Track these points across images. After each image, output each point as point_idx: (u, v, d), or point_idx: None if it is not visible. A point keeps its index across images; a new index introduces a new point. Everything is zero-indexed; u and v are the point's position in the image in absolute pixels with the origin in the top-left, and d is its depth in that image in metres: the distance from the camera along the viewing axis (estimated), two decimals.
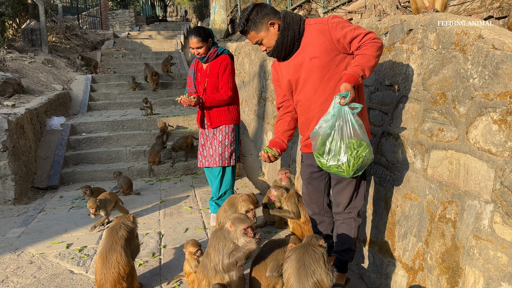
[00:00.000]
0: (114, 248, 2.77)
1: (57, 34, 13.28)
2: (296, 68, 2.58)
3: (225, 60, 3.92)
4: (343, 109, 2.27)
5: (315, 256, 2.24)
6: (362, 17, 4.82)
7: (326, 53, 2.47)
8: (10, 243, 3.87)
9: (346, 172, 2.36)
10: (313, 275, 2.20)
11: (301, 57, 2.55)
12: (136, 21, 21.25)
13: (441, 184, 2.42)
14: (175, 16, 37.45)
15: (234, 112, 4.02)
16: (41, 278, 3.17)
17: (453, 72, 2.37)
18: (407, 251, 2.69)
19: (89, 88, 9.41)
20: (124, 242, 2.82)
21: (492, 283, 2.01)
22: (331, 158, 2.33)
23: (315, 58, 2.48)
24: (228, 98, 3.91)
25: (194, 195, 5.25)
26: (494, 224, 2.02)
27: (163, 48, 15.13)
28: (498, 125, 2.03)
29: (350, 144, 2.28)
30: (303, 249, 2.28)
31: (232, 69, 3.97)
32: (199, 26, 3.98)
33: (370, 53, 2.36)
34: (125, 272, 2.75)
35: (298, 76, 2.59)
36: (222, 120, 3.97)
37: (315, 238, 2.34)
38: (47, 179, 5.89)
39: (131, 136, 7.04)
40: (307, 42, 2.52)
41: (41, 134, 6.69)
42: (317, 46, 2.48)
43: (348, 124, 2.26)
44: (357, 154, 2.29)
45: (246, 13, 2.52)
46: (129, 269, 2.80)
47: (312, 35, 2.50)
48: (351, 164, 2.30)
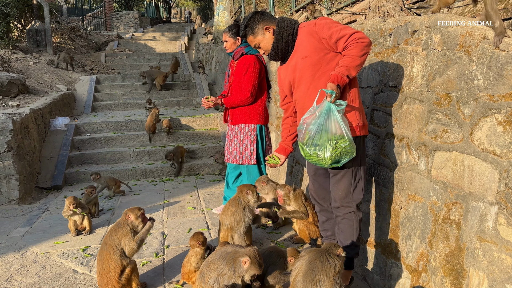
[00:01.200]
0: (105, 246, 2.79)
1: (62, 35, 13.35)
2: (292, 69, 2.77)
3: (248, 60, 3.93)
4: (328, 105, 2.45)
5: (326, 265, 2.18)
6: (366, 19, 4.82)
7: (315, 52, 2.62)
8: (14, 242, 3.88)
9: (324, 161, 2.50)
10: (318, 283, 2.16)
11: (295, 58, 2.73)
12: (140, 22, 21.33)
13: (445, 185, 2.41)
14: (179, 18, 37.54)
15: (255, 112, 4.03)
16: (45, 277, 3.18)
17: (457, 73, 2.36)
18: (411, 252, 2.69)
19: (93, 89, 9.45)
20: (119, 240, 2.81)
21: (496, 285, 2.00)
22: (313, 148, 2.50)
23: (306, 57, 2.65)
24: (246, 99, 3.94)
25: (198, 195, 5.26)
26: (498, 225, 2.02)
27: (167, 49, 15.18)
28: (502, 126, 2.03)
29: (332, 136, 2.44)
30: (318, 254, 2.23)
31: (255, 69, 3.94)
32: (236, 23, 4.09)
33: (354, 53, 2.50)
34: (115, 271, 2.75)
35: (294, 77, 2.77)
36: (242, 119, 4.03)
37: (334, 246, 2.28)
38: (51, 179, 5.92)
39: (135, 137, 7.06)
40: (299, 43, 2.70)
41: (45, 134, 6.72)
42: (307, 47, 2.65)
43: (332, 119, 2.43)
44: (336, 144, 2.45)
45: (246, 20, 2.82)
46: (122, 268, 2.79)
47: (303, 37, 2.68)
48: (329, 155, 2.46)
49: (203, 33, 15.95)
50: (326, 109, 2.46)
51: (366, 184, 3.23)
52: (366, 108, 3.34)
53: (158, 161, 6.70)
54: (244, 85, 3.94)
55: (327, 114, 2.45)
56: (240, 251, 2.41)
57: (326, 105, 2.45)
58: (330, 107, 2.45)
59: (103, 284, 2.77)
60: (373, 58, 3.25)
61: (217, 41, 12.74)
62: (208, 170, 6.49)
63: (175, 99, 9.48)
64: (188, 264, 2.93)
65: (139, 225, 2.86)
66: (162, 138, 7.13)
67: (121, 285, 2.78)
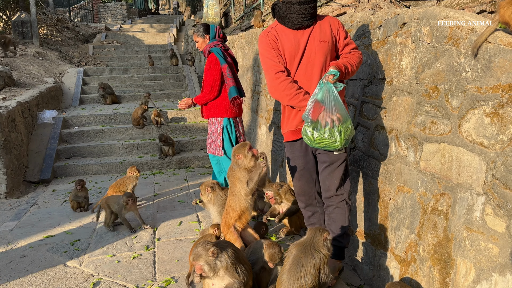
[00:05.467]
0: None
1: (48, 27, 13.13)
2: (304, 43, 2.69)
3: (210, 58, 4.16)
4: (330, 87, 2.50)
5: (311, 260, 2.22)
6: (356, 11, 4.82)
7: (332, 42, 2.73)
8: (2, 236, 3.84)
9: (339, 143, 2.54)
10: (302, 278, 2.19)
11: (311, 36, 2.70)
12: (128, 14, 21.06)
13: (434, 176, 2.44)
14: (168, 9, 37.12)
15: (221, 106, 4.22)
16: (34, 272, 3.16)
17: (446, 66, 2.38)
18: (400, 243, 2.72)
19: (81, 81, 9.34)
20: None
21: (483, 273, 2.04)
22: (326, 130, 2.51)
23: (324, 42, 2.70)
24: (207, 94, 4.18)
25: (188, 188, 5.25)
26: (485, 216, 2.05)
27: (155, 41, 15.03)
28: (490, 118, 2.05)
29: (343, 119, 2.52)
30: (304, 248, 2.26)
31: (216, 66, 4.12)
32: (202, 24, 4.34)
33: (354, 61, 2.70)
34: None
35: (303, 53, 2.70)
36: (211, 112, 4.28)
37: (319, 232, 2.31)
38: (39, 172, 5.85)
39: (124, 130, 7.00)
40: (320, 26, 2.72)
41: (32, 127, 6.63)
42: (327, 33, 2.72)
43: (338, 102, 2.51)
44: (346, 125, 2.54)
45: None
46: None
47: (326, 23, 2.75)
48: (342, 135, 2.52)
49: (192, 25, 15.80)
50: (327, 90, 2.50)
51: (355, 176, 3.26)
52: (356, 100, 3.36)
53: (147, 154, 6.67)
54: (205, 81, 4.21)
55: (332, 97, 2.49)
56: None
57: (328, 86, 2.50)
58: (331, 88, 2.50)
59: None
60: (363, 51, 3.26)
61: None
62: (199, 163, 6.48)
63: (164, 92, 9.41)
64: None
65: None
66: (151, 131, 7.08)
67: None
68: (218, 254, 2.29)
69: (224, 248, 2.36)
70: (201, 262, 2.29)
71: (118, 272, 3.13)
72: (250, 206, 3.00)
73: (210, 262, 2.29)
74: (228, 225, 3.03)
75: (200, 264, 2.30)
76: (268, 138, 5.31)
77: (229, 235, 3.02)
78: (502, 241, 1.95)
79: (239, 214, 2.99)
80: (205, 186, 3.51)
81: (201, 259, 2.28)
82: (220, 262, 2.30)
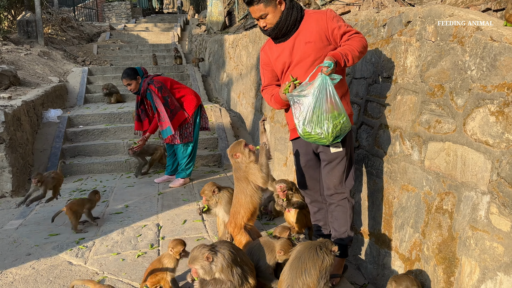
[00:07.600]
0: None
1: (53, 26, 13.19)
2: (289, 51, 2.74)
3: (153, 90, 4.94)
4: (324, 80, 2.42)
5: (314, 257, 2.20)
6: (360, 9, 4.81)
7: (320, 40, 2.66)
8: (8, 235, 3.87)
9: (326, 139, 2.50)
10: (302, 273, 2.18)
11: (294, 40, 2.71)
12: (132, 13, 21.13)
13: (438, 175, 2.44)
14: (172, 8, 37.14)
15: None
16: (40, 269, 3.18)
17: (451, 64, 2.38)
18: (404, 242, 2.72)
19: (86, 81, 9.37)
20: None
21: (488, 273, 2.03)
22: (314, 126, 2.47)
23: (310, 43, 2.66)
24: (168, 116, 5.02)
25: (192, 187, 5.26)
26: (490, 215, 2.04)
27: (159, 40, 15.07)
28: (495, 116, 2.04)
29: (331, 113, 2.45)
30: (309, 246, 2.25)
31: (164, 90, 5.00)
32: (128, 69, 5.09)
33: (356, 45, 2.55)
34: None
35: (292, 59, 2.74)
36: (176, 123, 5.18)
37: (329, 243, 2.30)
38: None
39: (128, 129, 7.02)
40: (305, 27, 2.70)
41: (38, 126, 6.67)
42: (313, 32, 2.66)
43: (329, 95, 2.43)
44: (335, 121, 2.46)
45: None
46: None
47: (311, 22, 2.69)
48: (330, 131, 2.46)
49: (196, 24, 15.82)
50: (321, 83, 2.42)
51: (360, 175, 3.26)
52: (360, 99, 3.35)
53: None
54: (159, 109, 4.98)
55: (324, 90, 2.41)
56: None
57: (322, 78, 2.41)
58: (325, 80, 2.41)
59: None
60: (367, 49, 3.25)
61: (210, 32, 12.66)
62: (203, 162, 6.48)
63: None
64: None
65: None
66: None
67: None
68: (214, 258, 2.32)
69: (220, 251, 2.37)
70: (196, 266, 2.34)
71: (123, 270, 3.14)
72: (261, 202, 3.03)
73: (205, 266, 2.33)
74: (240, 226, 2.98)
75: (195, 268, 2.35)
76: (271, 136, 5.31)
77: (240, 236, 2.98)
78: (507, 240, 1.94)
79: (252, 212, 2.96)
80: (210, 189, 3.43)
81: (197, 263, 2.33)
82: (215, 266, 2.33)
